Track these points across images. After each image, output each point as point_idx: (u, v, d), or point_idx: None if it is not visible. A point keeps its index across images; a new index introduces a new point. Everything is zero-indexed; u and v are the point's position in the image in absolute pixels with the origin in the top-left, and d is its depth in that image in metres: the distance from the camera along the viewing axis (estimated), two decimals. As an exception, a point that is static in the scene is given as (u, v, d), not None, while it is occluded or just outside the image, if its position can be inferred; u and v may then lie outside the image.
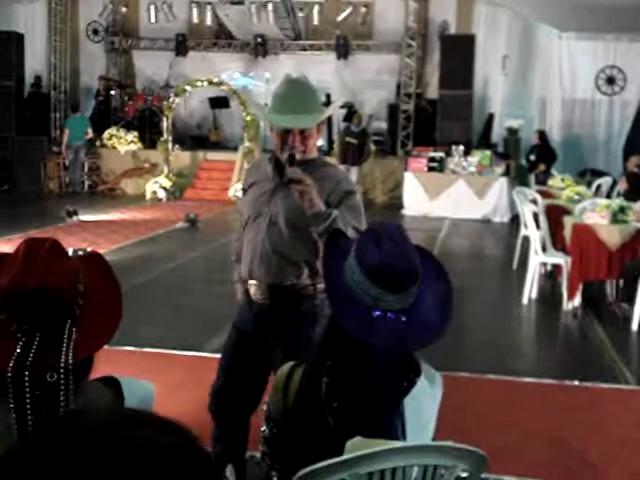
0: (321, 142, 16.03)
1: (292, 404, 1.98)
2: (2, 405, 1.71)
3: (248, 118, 16.29)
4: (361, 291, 1.90)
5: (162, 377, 5.10)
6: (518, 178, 14.85)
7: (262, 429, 2.10)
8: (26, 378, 1.68)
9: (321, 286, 3.13)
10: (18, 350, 1.70)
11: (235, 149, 17.04)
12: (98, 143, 17.61)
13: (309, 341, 3.07)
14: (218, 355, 5.85)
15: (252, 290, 3.28)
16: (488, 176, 14.66)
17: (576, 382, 5.48)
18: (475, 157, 14.90)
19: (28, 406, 1.68)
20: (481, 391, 5.34)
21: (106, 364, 1.95)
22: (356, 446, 1.74)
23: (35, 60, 18.66)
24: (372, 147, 16.03)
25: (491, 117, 17.24)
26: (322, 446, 1.87)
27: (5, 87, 17.18)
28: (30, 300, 1.70)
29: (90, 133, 17.05)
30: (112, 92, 18.73)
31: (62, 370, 1.70)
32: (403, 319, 1.92)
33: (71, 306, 1.76)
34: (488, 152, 15.13)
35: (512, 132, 16.43)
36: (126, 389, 1.85)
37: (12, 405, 1.68)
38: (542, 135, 15.20)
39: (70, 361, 1.71)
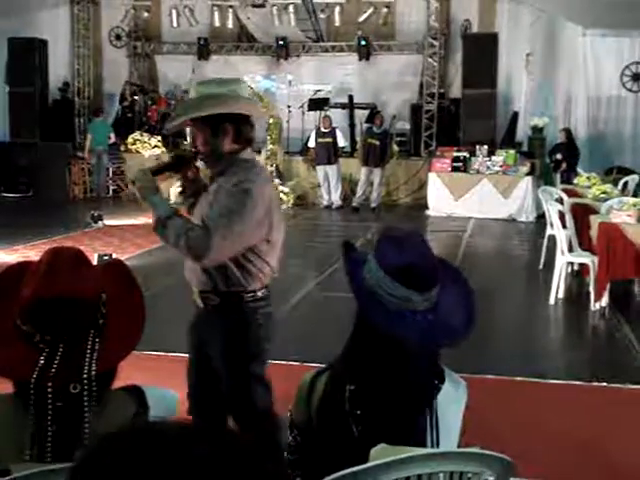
0: (344, 143, 16.02)
1: (315, 412, 1.96)
2: (24, 415, 1.71)
3: (271, 121, 16.30)
4: (387, 295, 1.89)
5: (183, 382, 5.09)
6: (543, 177, 14.74)
7: (286, 436, 2.08)
8: (49, 389, 1.67)
9: (250, 295, 3.17)
10: (41, 361, 1.69)
11: (258, 152, 17.03)
12: (122, 148, 17.71)
13: (237, 348, 3.11)
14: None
15: (193, 295, 3.33)
16: (513, 175, 14.56)
17: (604, 383, 5.41)
18: (499, 156, 14.80)
19: (49, 417, 1.68)
20: (508, 393, 5.29)
21: (130, 369, 1.94)
22: (380, 453, 1.72)
23: (59, 66, 18.80)
24: (395, 148, 15.98)
25: (515, 116, 17.12)
26: (346, 454, 1.85)
27: (29, 93, 17.34)
28: (52, 311, 1.69)
29: (113, 137, 17.15)
30: (136, 97, 18.83)
31: (85, 381, 1.69)
32: (430, 317, 1.95)
33: (94, 316, 1.75)
34: (512, 151, 15.03)
35: (537, 130, 16.29)
36: (150, 398, 1.84)
37: (33, 415, 1.68)
38: (569, 133, 15.08)
39: (93, 372, 1.70)
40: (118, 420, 1.72)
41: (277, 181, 15.90)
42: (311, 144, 15.85)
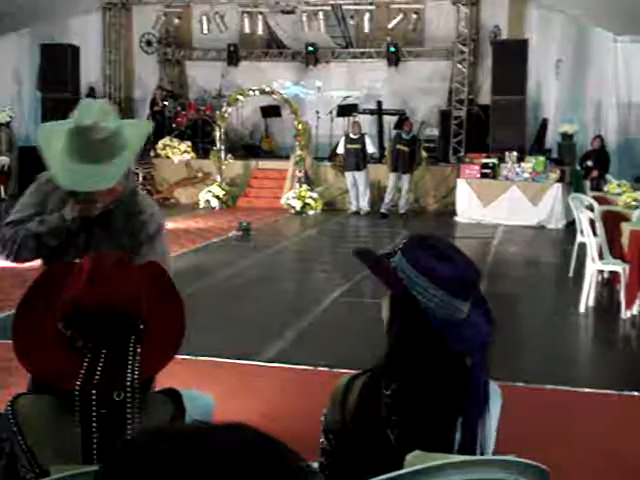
0: (373, 149, 16.03)
1: (350, 417, 1.97)
2: (66, 419, 1.73)
3: (300, 126, 16.35)
4: (440, 308, 1.91)
5: (215, 385, 5.13)
6: (573, 184, 14.64)
7: (320, 440, 2.09)
8: (93, 397, 1.69)
9: None
10: (84, 367, 1.71)
11: (287, 157, 17.12)
12: (152, 153, 17.84)
13: None
14: (272, 364, 5.91)
15: None
16: (542, 182, 14.47)
17: (635, 392, 5.36)
18: (529, 163, 14.72)
19: (94, 424, 1.70)
20: (538, 402, 5.26)
21: (162, 372, 1.96)
22: (416, 460, 1.73)
23: (90, 72, 18.99)
24: (423, 154, 15.95)
25: (545, 122, 17.03)
26: (381, 459, 1.86)
27: (61, 99, 17.50)
28: (96, 317, 1.71)
29: None
30: (166, 103, 18.97)
31: (129, 389, 1.71)
32: (476, 321, 1.99)
33: (135, 322, 1.77)
34: (542, 158, 14.93)
35: (567, 137, 16.18)
36: (187, 402, 1.85)
37: (78, 422, 1.70)
38: (602, 141, 14.99)
39: (136, 379, 1.72)
40: (155, 423, 1.74)
41: (305, 187, 15.96)
42: (340, 150, 15.87)
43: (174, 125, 18.57)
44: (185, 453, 0.88)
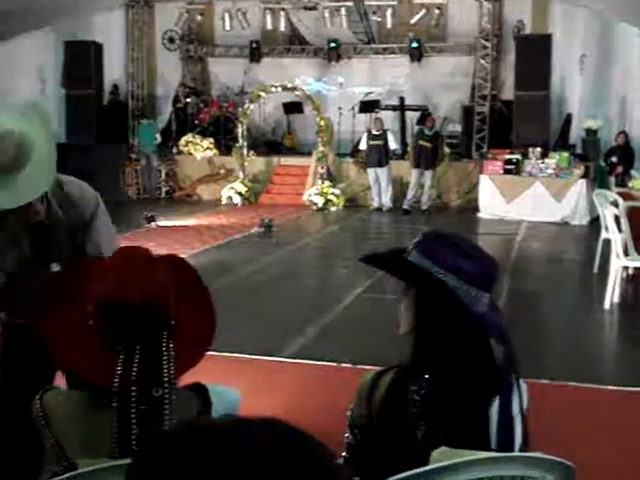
0: (395, 146, 15.99)
1: (377, 412, 1.97)
2: (100, 415, 1.74)
3: (322, 123, 16.35)
4: (472, 303, 1.92)
5: (238, 381, 5.14)
6: (597, 180, 14.52)
7: (346, 435, 2.09)
8: (132, 393, 1.70)
9: None
10: (120, 363, 1.72)
11: (309, 154, 17.11)
12: (175, 150, 17.93)
13: None
14: (295, 360, 5.92)
15: None
16: (566, 178, 14.38)
17: (661, 390, 5.32)
18: (553, 159, 14.63)
19: (133, 420, 1.71)
20: (563, 399, 5.23)
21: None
22: (442, 456, 1.73)
23: (113, 69, 19.09)
24: (446, 150, 15.90)
25: (569, 118, 16.91)
26: (406, 455, 1.86)
27: (85, 96, 17.62)
28: (130, 314, 1.72)
29: (158, 138, 17.40)
30: (188, 99, 19.03)
31: (166, 384, 1.72)
32: (492, 311, 2.01)
33: (166, 318, 1.78)
34: (566, 154, 14.84)
35: (591, 133, 16.06)
36: (214, 396, 1.86)
37: (117, 418, 1.71)
38: (626, 136, 14.87)
39: (173, 374, 1.73)
40: (182, 418, 1.74)
41: (327, 183, 15.96)
42: (362, 146, 15.84)
43: (196, 122, 18.62)
44: (217, 447, 0.88)
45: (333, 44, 18.80)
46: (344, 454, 2.09)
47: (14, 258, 2.89)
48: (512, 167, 14.71)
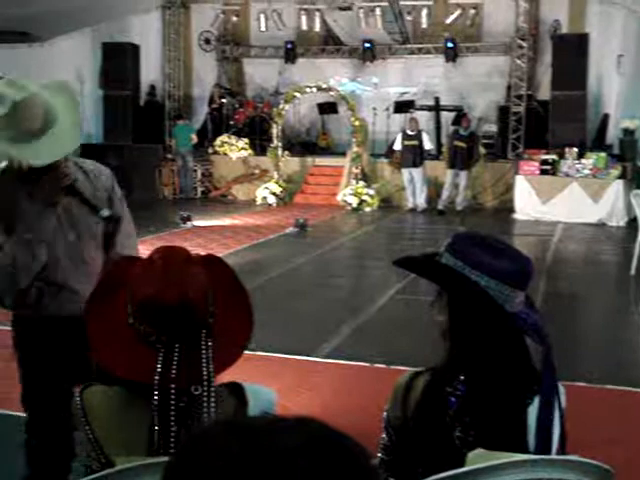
0: (430, 146, 15.92)
1: (412, 414, 1.97)
2: (140, 412, 1.77)
3: (356, 123, 16.35)
4: (506, 302, 1.91)
5: (273, 381, 5.17)
6: (635, 180, 14.35)
7: (381, 437, 2.10)
8: (172, 391, 1.73)
9: None
10: (160, 362, 1.74)
11: (343, 154, 17.12)
12: (210, 150, 18.04)
13: None
14: (329, 360, 5.93)
15: None
16: (603, 179, 14.23)
17: (700, 394, 5.26)
18: (589, 159, 14.49)
19: (172, 418, 1.73)
20: (598, 401, 5.19)
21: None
22: (477, 458, 1.72)
23: (150, 70, 19.26)
24: (481, 150, 15.82)
25: (606, 118, 16.73)
26: (442, 457, 1.86)
27: (122, 97, 17.81)
28: (172, 313, 1.74)
29: (195, 138, 17.51)
30: (224, 100, 19.14)
31: (205, 382, 1.74)
32: (527, 310, 1.98)
33: (205, 316, 1.80)
34: (603, 154, 14.69)
35: (628, 133, 15.86)
36: (250, 396, 1.88)
37: (156, 415, 1.73)
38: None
39: (212, 372, 1.75)
40: (219, 417, 1.76)
41: (362, 183, 15.95)
42: (397, 147, 15.80)
43: (232, 122, 18.72)
44: (254, 446, 0.89)
45: (368, 44, 18.77)
46: (380, 455, 2.10)
47: (50, 228, 2.96)
48: (548, 167, 14.59)
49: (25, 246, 2.91)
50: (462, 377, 1.92)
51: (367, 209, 15.62)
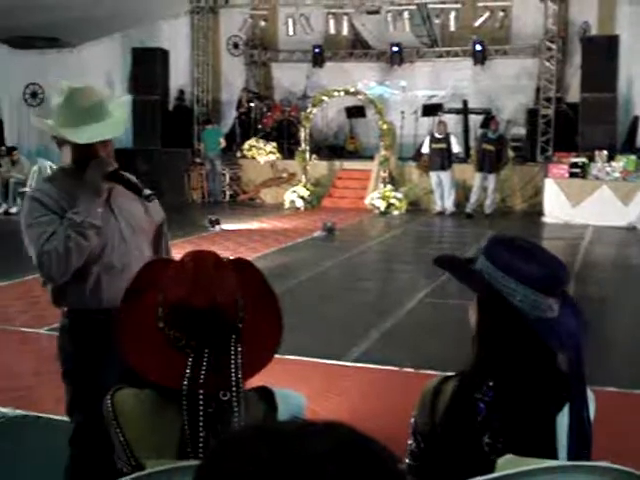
0: (458, 149, 15.87)
1: (440, 420, 1.97)
2: (169, 417, 1.78)
3: (384, 127, 16.34)
4: (533, 308, 1.89)
5: (301, 385, 5.17)
6: (666, 184, 14.20)
7: (409, 442, 2.10)
8: (200, 396, 1.74)
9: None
10: (189, 366, 1.76)
11: (371, 158, 17.11)
12: (238, 154, 18.12)
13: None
14: (358, 364, 5.93)
15: None
16: (634, 182, 14.10)
17: None
18: (620, 162, 14.37)
19: (201, 423, 1.74)
20: (628, 407, 5.14)
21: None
22: (507, 464, 1.72)
23: (178, 74, 19.38)
24: (510, 153, 15.74)
25: (636, 120, 16.57)
26: (471, 463, 1.86)
27: (151, 101, 17.92)
28: (202, 318, 1.75)
29: (223, 142, 17.60)
30: (252, 104, 19.21)
31: (234, 388, 1.75)
32: (566, 320, 1.96)
33: (234, 321, 1.81)
34: (633, 157, 14.55)
35: (659, 136, 15.73)
36: (280, 401, 1.88)
37: (185, 420, 1.75)
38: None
39: (240, 378, 1.76)
40: (249, 421, 1.77)
41: (390, 187, 15.93)
42: (425, 150, 15.77)
43: (260, 126, 18.80)
44: (284, 451, 0.90)
45: (396, 48, 18.75)
46: (407, 460, 2.10)
47: (99, 212, 3.02)
48: (578, 170, 14.48)
49: (74, 227, 2.94)
50: (491, 383, 1.91)
51: (395, 212, 15.60)
